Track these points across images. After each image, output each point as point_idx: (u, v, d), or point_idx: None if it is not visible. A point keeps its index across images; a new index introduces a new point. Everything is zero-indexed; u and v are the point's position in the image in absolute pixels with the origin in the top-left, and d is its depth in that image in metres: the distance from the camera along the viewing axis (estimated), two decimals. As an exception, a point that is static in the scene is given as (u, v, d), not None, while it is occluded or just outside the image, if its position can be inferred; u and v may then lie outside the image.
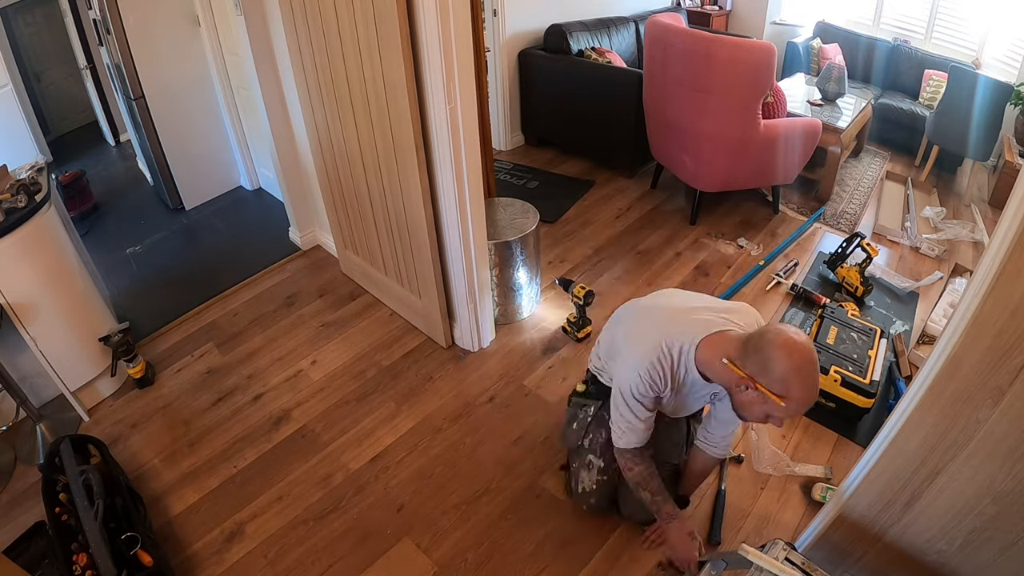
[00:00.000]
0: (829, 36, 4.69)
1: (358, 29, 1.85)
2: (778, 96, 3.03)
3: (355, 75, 1.99)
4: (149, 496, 1.93)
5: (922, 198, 3.54)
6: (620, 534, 1.77)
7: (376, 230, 2.41)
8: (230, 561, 1.75)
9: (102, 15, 2.90)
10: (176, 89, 3.20)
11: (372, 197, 2.31)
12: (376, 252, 2.52)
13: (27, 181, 2.04)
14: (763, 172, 3.09)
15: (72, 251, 2.25)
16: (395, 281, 2.51)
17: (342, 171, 2.40)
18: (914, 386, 1.16)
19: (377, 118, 2.00)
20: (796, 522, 1.79)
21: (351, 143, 2.23)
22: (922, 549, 1.27)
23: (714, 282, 2.79)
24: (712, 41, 2.71)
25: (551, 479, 1.93)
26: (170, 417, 2.22)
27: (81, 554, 1.56)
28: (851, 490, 1.36)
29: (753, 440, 2.02)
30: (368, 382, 2.31)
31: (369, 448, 2.06)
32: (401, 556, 1.75)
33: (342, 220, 2.65)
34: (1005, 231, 0.93)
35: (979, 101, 3.40)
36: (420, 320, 2.49)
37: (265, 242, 3.15)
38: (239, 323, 2.65)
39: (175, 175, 3.42)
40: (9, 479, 2.01)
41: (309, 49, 2.15)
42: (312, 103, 2.34)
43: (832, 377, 2.03)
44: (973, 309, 1.00)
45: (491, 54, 3.65)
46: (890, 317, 2.60)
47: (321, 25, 2.01)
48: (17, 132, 3.56)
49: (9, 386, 2.00)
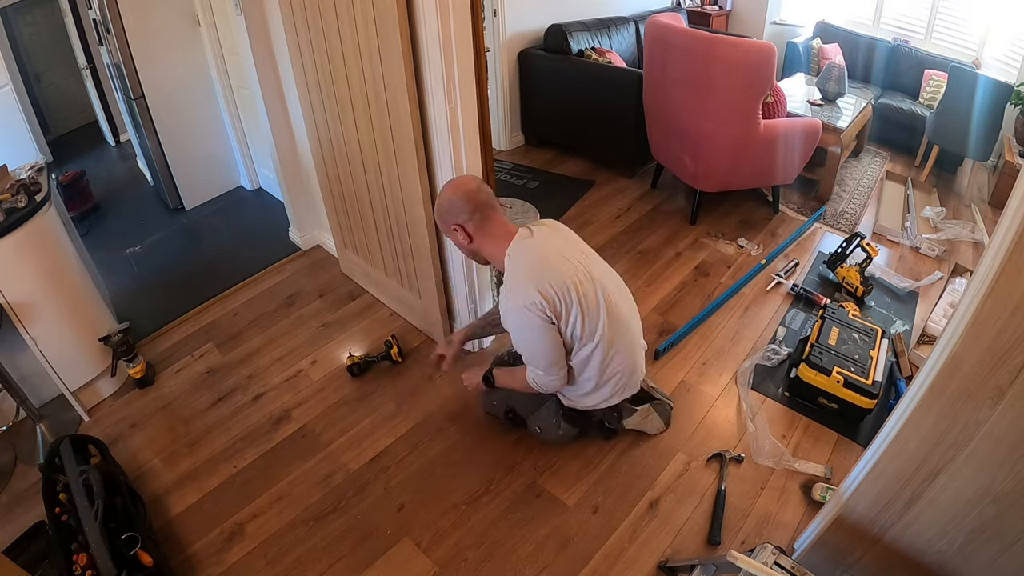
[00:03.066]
0: (829, 36, 4.69)
1: (358, 29, 1.85)
2: (778, 96, 3.03)
3: (355, 75, 1.99)
4: (149, 496, 1.93)
5: (922, 198, 3.54)
6: (620, 534, 1.77)
7: (376, 230, 2.41)
8: (230, 561, 1.75)
9: (102, 15, 2.90)
10: (176, 89, 3.20)
11: (372, 197, 2.30)
12: (376, 252, 2.52)
13: (27, 181, 2.04)
14: (763, 172, 3.09)
15: (72, 251, 2.25)
16: (395, 281, 2.51)
17: (342, 171, 2.40)
18: (914, 386, 1.16)
19: (377, 118, 2.00)
20: (796, 522, 1.79)
21: (351, 143, 2.23)
22: (922, 549, 1.27)
23: (714, 282, 2.79)
24: (712, 41, 2.71)
25: (551, 479, 1.93)
26: (170, 417, 2.22)
27: (81, 554, 1.56)
28: (851, 490, 1.36)
29: (751, 432, 2.02)
30: (368, 382, 2.31)
31: (369, 448, 2.06)
32: (401, 556, 1.74)
33: (342, 220, 2.64)
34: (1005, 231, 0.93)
35: (979, 101, 3.40)
36: (420, 320, 2.49)
37: (265, 242, 3.15)
38: (239, 323, 2.65)
39: (175, 175, 3.42)
40: (9, 479, 2.01)
41: (309, 49, 2.15)
42: (312, 103, 2.33)
43: (835, 378, 2.03)
44: (973, 309, 1.00)
45: (491, 54, 3.65)
46: (890, 317, 2.60)
47: (321, 25, 2.01)
48: (17, 132, 3.56)
49: (9, 386, 2.00)
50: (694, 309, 2.61)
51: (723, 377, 2.29)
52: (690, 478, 1.92)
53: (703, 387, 2.25)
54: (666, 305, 2.65)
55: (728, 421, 2.11)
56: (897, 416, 1.21)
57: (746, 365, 2.30)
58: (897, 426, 1.20)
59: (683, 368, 2.32)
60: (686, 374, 2.30)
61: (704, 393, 2.22)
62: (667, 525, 1.79)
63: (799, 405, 2.16)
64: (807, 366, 2.09)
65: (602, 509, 1.84)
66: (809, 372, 2.09)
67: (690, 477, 1.93)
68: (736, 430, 2.08)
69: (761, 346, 2.41)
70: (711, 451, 2.00)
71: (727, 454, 1.96)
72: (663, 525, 1.79)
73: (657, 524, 1.80)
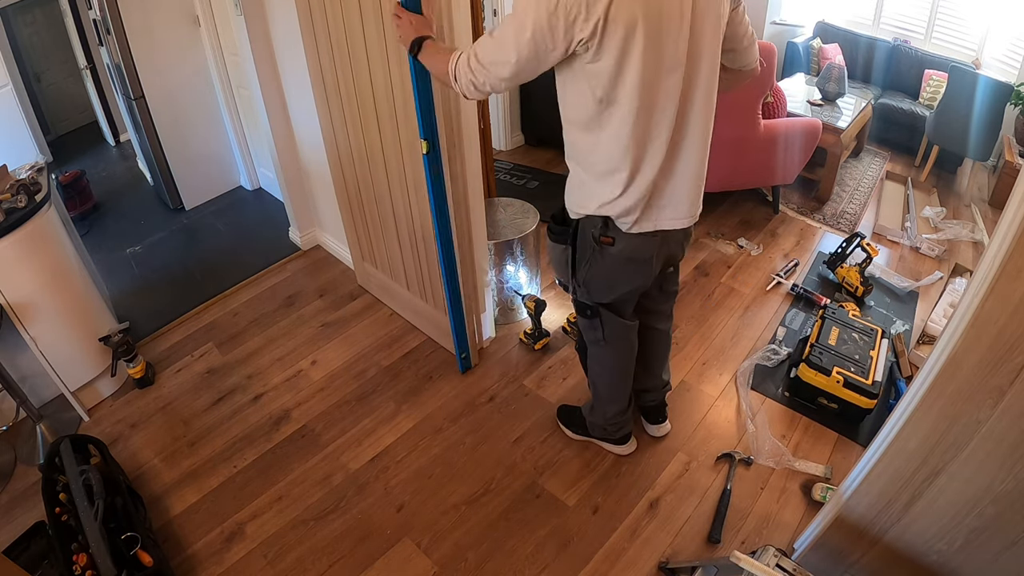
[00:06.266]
0: (829, 36, 4.69)
1: (385, 27, 1.74)
2: (778, 96, 3.03)
3: (380, 79, 1.89)
4: (149, 496, 1.93)
5: (922, 198, 3.54)
6: (620, 534, 1.77)
7: (399, 242, 2.31)
8: (230, 561, 1.75)
9: (102, 15, 2.90)
10: (176, 89, 3.20)
11: (395, 208, 2.21)
12: (398, 265, 2.42)
13: (27, 181, 2.04)
14: (763, 172, 3.09)
15: (72, 251, 2.25)
16: (417, 295, 2.42)
17: (362, 181, 2.31)
18: (914, 386, 1.16)
19: (405, 125, 1.90)
20: (796, 522, 1.79)
21: (374, 150, 2.13)
22: (922, 549, 1.27)
23: (714, 282, 2.79)
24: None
25: (551, 479, 1.93)
26: (170, 417, 2.22)
27: (81, 554, 1.56)
28: (851, 490, 1.36)
29: (751, 432, 2.02)
30: (368, 382, 2.31)
31: (369, 448, 2.06)
32: (401, 556, 1.75)
33: (360, 231, 2.56)
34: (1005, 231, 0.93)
35: (979, 101, 3.40)
36: (443, 335, 2.37)
37: (265, 242, 3.15)
38: (239, 323, 2.65)
39: (175, 175, 3.41)
40: (9, 479, 2.01)
41: (328, 50, 2.05)
42: (330, 108, 2.24)
43: (835, 378, 2.03)
44: (973, 309, 1.00)
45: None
46: (890, 317, 2.60)
47: (343, 23, 1.90)
48: (17, 132, 3.56)
49: (9, 386, 2.00)
50: (694, 309, 2.61)
51: (723, 377, 2.29)
52: (690, 478, 1.92)
53: (703, 387, 2.25)
54: (666, 305, 2.64)
55: (728, 421, 2.11)
56: (897, 416, 1.21)
57: (746, 365, 2.30)
58: (897, 426, 1.20)
59: (683, 368, 2.32)
60: (686, 374, 2.30)
61: (704, 393, 2.22)
62: (667, 525, 1.79)
63: (799, 405, 2.16)
64: (807, 366, 2.09)
65: (602, 509, 1.84)
66: (809, 372, 2.09)
67: (690, 477, 1.93)
68: (736, 430, 2.08)
69: (761, 346, 2.41)
70: (711, 451, 2.00)
71: (736, 455, 1.96)
72: (663, 525, 1.79)
73: (657, 524, 1.80)
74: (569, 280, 1.61)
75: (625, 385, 1.83)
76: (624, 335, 1.70)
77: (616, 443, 1.98)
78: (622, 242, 1.44)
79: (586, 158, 1.39)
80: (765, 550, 1.26)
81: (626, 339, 1.72)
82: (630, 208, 1.37)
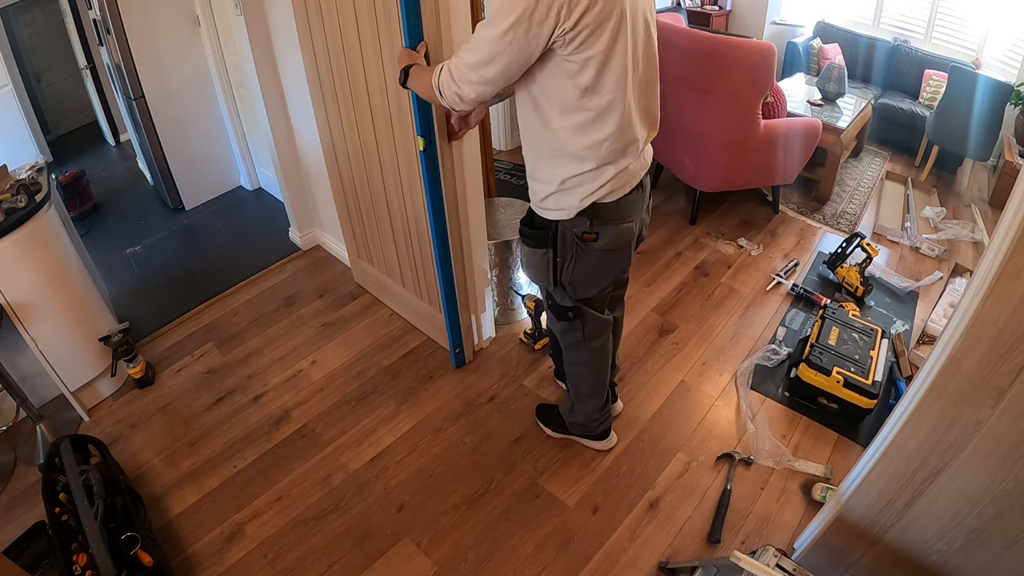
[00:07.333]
0: (829, 36, 4.69)
1: (379, 27, 1.75)
2: (778, 96, 3.03)
3: (375, 79, 1.91)
4: (149, 496, 1.93)
5: (922, 198, 3.54)
6: (620, 534, 1.77)
7: (394, 240, 2.33)
8: (230, 561, 1.75)
9: (102, 15, 2.90)
10: (176, 89, 3.20)
11: (391, 206, 2.22)
12: (393, 263, 2.44)
13: (27, 181, 2.05)
14: (763, 172, 3.09)
15: (72, 251, 2.25)
16: (412, 293, 2.44)
17: (358, 179, 2.33)
18: (914, 386, 1.16)
19: (399, 124, 1.92)
20: (796, 522, 1.79)
21: (369, 149, 2.15)
22: (922, 549, 1.27)
23: (714, 282, 2.79)
24: (712, 41, 2.71)
25: (551, 479, 1.93)
26: (170, 417, 2.22)
27: (81, 554, 1.56)
28: (851, 490, 1.36)
29: (751, 432, 2.02)
30: (368, 382, 2.31)
31: (369, 448, 2.06)
32: (401, 556, 1.75)
33: (356, 229, 2.57)
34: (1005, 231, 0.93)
35: (979, 101, 3.40)
36: (438, 332, 2.39)
37: (265, 242, 3.15)
38: (239, 323, 2.65)
39: (175, 175, 3.41)
40: (9, 479, 2.01)
41: (324, 51, 2.06)
42: (327, 107, 2.25)
43: (835, 378, 2.03)
44: (973, 309, 1.00)
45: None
46: (890, 317, 2.60)
47: (338, 24, 1.91)
48: (17, 132, 3.56)
49: (9, 386, 2.00)
50: (694, 309, 2.61)
51: (723, 377, 2.29)
52: (690, 478, 1.92)
53: (703, 387, 2.25)
54: (666, 305, 2.64)
55: (728, 421, 2.11)
56: (897, 416, 1.21)
57: (746, 365, 2.30)
58: (897, 426, 1.20)
59: (683, 368, 2.32)
60: (686, 374, 2.30)
61: (704, 393, 2.22)
62: (667, 525, 1.79)
63: (799, 405, 2.16)
64: (807, 366, 2.09)
65: (602, 509, 1.84)
66: (809, 372, 2.09)
67: (690, 477, 1.93)
68: (736, 430, 2.08)
69: (761, 346, 2.41)
70: (711, 451, 2.00)
71: (736, 455, 1.96)
72: (663, 525, 1.79)
73: (657, 524, 1.80)
74: (550, 284, 1.58)
75: (604, 381, 1.86)
76: (603, 331, 1.72)
77: (596, 439, 2.00)
78: (605, 235, 1.46)
79: (564, 147, 1.36)
80: (765, 550, 1.26)
81: (604, 335, 1.74)
82: (617, 174, 1.39)
